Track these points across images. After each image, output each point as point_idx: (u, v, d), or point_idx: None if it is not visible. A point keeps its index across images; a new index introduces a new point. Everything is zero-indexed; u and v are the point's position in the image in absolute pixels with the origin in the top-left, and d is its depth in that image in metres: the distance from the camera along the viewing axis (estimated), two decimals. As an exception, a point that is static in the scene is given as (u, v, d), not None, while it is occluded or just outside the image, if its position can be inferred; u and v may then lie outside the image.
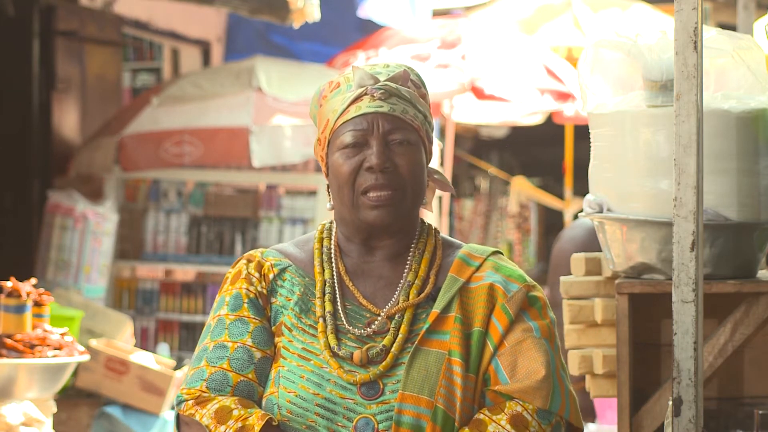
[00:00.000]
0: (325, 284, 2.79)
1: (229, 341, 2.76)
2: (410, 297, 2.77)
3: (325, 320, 2.75)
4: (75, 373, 6.60)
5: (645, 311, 3.56)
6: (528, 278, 2.82)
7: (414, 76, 2.83)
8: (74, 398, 6.77)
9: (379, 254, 2.82)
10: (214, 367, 2.74)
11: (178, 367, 7.08)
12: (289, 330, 2.77)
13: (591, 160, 3.64)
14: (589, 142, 3.65)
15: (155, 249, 8.96)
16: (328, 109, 2.81)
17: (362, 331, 2.75)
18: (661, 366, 3.60)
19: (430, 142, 2.85)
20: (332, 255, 2.83)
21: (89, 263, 8.44)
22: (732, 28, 6.68)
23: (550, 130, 11.91)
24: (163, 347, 8.08)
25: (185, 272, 9.38)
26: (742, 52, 3.52)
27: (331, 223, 2.89)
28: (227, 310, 2.80)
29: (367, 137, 2.76)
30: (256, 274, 2.82)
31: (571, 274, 3.77)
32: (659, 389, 3.50)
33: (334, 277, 2.80)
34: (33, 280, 4.92)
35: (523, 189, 14.36)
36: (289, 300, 2.80)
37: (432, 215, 10.73)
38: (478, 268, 2.80)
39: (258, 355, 2.75)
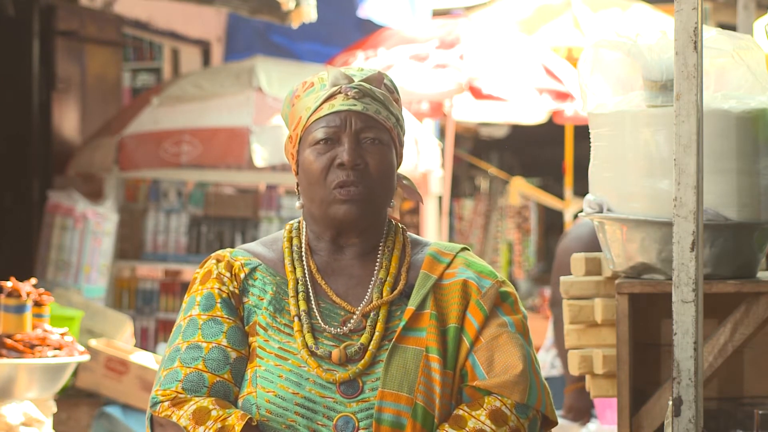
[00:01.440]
0: (298, 283, 2.79)
1: (204, 341, 2.74)
2: (383, 294, 2.77)
3: (300, 319, 2.75)
4: (75, 373, 6.60)
5: (645, 311, 3.56)
6: (498, 274, 2.84)
7: (387, 81, 2.85)
8: (74, 398, 6.76)
9: (349, 252, 2.82)
10: (189, 367, 2.72)
11: (178, 367, 7.07)
12: (264, 329, 2.76)
13: (591, 160, 3.64)
14: (589, 142, 3.65)
15: (155, 249, 8.96)
16: (300, 107, 2.82)
17: (338, 329, 2.75)
18: (661, 366, 3.60)
19: (401, 146, 2.86)
20: (302, 253, 2.83)
21: (89, 263, 8.44)
22: (732, 28, 6.68)
23: (550, 130, 11.91)
24: (163, 347, 8.07)
25: (185, 272, 9.38)
26: (742, 52, 3.52)
27: (299, 222, 2.88)
28: (199, 310, 2.78)
29: (340, 134, 2.76)
30: (227, 274, 2.81)
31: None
32: (659, 389, 3.50)
33: (306, 275, 2.80)
34: (33, 280, 4.92)
35: (523, 189, 14.37)
36: (262, 299, 2.79)
37: (431, 215, 10.73)
38: (449, 265, 2.81)
39: (233, 355, 2.74)
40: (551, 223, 15.23)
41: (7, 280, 4.80)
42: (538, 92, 9.34)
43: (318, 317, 2.76)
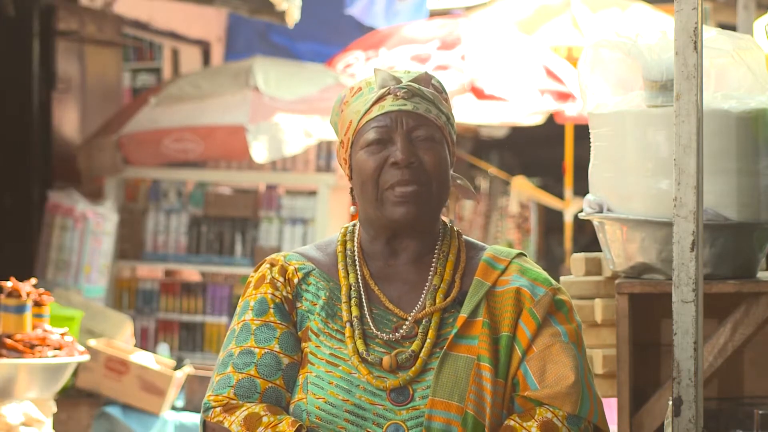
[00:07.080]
0: (351, 288, 2.77)
1: (256, 347, 2.74)
2: (436, 301, 2.74)
3: (352, 325, 2.73)
4: (75, 373, 6.60)
5: (645, 311, 3.56)
6: (553, 281, 2.79)
7: (435, 82, 2.84)
8: (74, 398, 6.77)
9: (403, 257, 2.79)
10: (242, 373, 2.71)
11: (178, 367, 7.08)
12: (316, 335, 2.75)
13: (591, 160, 3.64)
14: (589, 142, 3.65)
15: (155, 249, 8.96)
16: (350, 111, 2.80)
17: (390, 335, 2.73)
18: (661, 366, 3.60)
19: (454, 144, 2.84)
20: (356, 258, 2.81)
21: (89, 263, 8.44)
22: (732, 28, 6.69)
23: (550, 130, 11.90)
24: (163, 347, 8.08)
25: (185, 272, 9.38)
26: (742, 52, 3.52)
27: (353, 225, 2.86)
28: (252, 315, 2.77)
29: (391, 134, 2.75)
30: (281, 279, 2.80)
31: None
32: (659, 389, 3.50)
33: (359, 281, 2.78)
34: (33, 280, 4.92)
35: (523, 189, 14.37)
36: (315, 305, 2.77)
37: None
38: (503, 272, 2.78)
39: (285, 361, 2.73)
40: (551, 223, 15.22)
41: (7, 280, 4.80)
42: (540, 93, 9.34)
43: (370, 323, 2.74)
